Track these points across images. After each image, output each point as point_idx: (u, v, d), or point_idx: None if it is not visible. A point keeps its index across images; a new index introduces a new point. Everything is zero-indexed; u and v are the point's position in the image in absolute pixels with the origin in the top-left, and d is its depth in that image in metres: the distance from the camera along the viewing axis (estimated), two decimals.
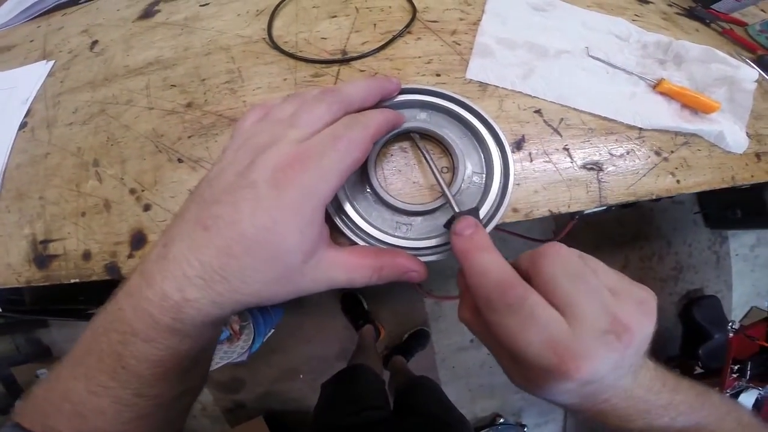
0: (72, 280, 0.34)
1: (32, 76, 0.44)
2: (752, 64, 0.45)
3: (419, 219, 0.29)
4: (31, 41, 0.48)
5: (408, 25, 0.38)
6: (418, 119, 0.30)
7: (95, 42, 0.45)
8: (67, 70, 0.43)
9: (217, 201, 0.22)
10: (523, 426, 1.70)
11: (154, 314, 0.21)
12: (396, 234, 0.28)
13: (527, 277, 0.23)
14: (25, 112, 0.41)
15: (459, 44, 0.38)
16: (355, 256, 0.25)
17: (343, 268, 0.24)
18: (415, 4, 0.40)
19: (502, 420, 1.68)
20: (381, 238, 0.27)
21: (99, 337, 0.23)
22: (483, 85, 0.36)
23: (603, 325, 0.21)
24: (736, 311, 1.68)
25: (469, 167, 0.30)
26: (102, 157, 0.36)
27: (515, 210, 0.32)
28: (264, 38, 0.39)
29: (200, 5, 0.44)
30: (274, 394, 1.58)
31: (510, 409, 1.72)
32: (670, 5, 0.48)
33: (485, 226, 0.28)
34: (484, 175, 0.30)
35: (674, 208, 1.62)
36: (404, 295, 1.55)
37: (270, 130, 0.24)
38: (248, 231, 0.21)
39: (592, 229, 1.59)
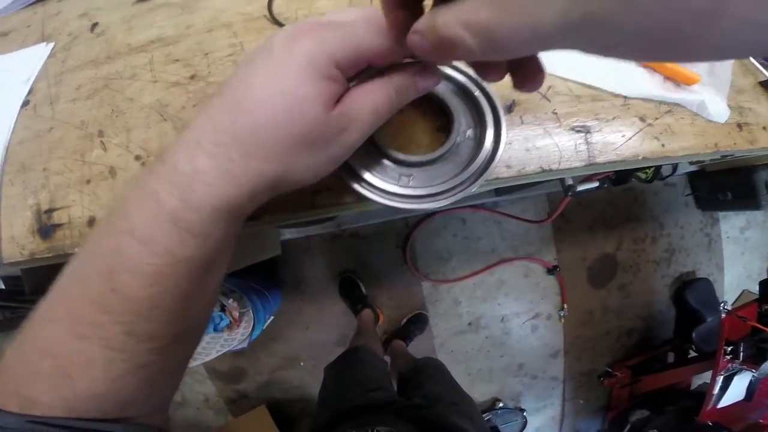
0: (77, 249, 0.33)
1: (33, 57, 0.44)
2: None
3: (419, 170, 0.31)
4: (29, 26, 0.49)
5: None
6: None
7: (95, 24, 0.45)
8: (68, 51, 0.44)
9: (235, 73, 0.21)
10: (522, 410, 1.73)
11: (160, 194, 0.19)
12: (399, 184, 0.30)
13: None
14: (27, 91, 0.42)
15: None
16: (366, 83, 0.23)
17: (364, 100, 0.22)
18: None
19: (501, 404, 1.71)
20: (385, 188, 0.29)
21: (87, 258, 0.21)
22: None
23: None
24: (729, 295, 1.72)
25: (464, 123, 0.31)
26: (107, 127, 0.37)
27: (508, 166, 0.34)
28: (265, 15, 0.41)
29: None
30: (276, 383, 1.60)
31: (509, 393, 1.76)
32: None
33: (479, 176, 0.30)
34: (478, 130, 0.32)
35: (666, 190, 1.65)
36: (401, 279, 1.57)
37: None
38: (258, 83, 0.20)
39: (585, 211, 1.62)
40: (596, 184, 0.94)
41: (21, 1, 0.52)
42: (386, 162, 0.30)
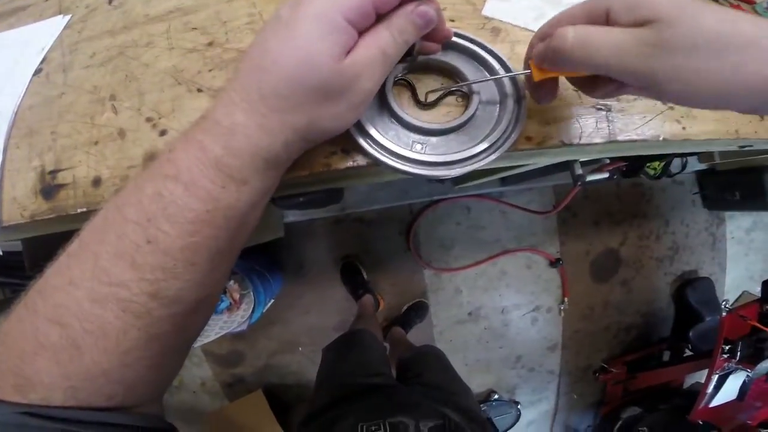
0: (79, 210, 0.33)
1: (49, 29, 0.44)
2: None
3: (434, 138, 0.31)
4: (46, 0, 0.48)
5: None
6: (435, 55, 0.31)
7: None
8: (85, 22, 0.43)
9: (252, 43, 0.23)
10: (517, 403, 1.75)
11: (205, 143, 0.21)
12: (412, 149, 0.30)
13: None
14: (40, 60, 0.41)
15: None
16: (370, 31, 0.24)
17: (371, 45, 0.23)
18: None
19: (496, 396, 1.73)
20: (398, 152, 0.29)
21: (123, 207, 0.21)
22: (495, 31, 0.37)
23: None
24: (729, 295, 1.72)
25: (484, 97, 0.31)
26: (119, 92, 0.37)
27: (528, 138, 0.33)
28: None
29: None
30: (274, 368, 1.60)
31: (505, 385, 1.77)
32: None
33: (499, 147, 0.30)
34: (498, 105, 0.31)
35: (674, 187, 1.64)
36: (403, 266, 1.57)
37: None
38: (271, 44, 0.22)
39: (592, 205, 1.62)
40: (606, 174, 0.92)
41: None
42: (400, 128, 0.30)
